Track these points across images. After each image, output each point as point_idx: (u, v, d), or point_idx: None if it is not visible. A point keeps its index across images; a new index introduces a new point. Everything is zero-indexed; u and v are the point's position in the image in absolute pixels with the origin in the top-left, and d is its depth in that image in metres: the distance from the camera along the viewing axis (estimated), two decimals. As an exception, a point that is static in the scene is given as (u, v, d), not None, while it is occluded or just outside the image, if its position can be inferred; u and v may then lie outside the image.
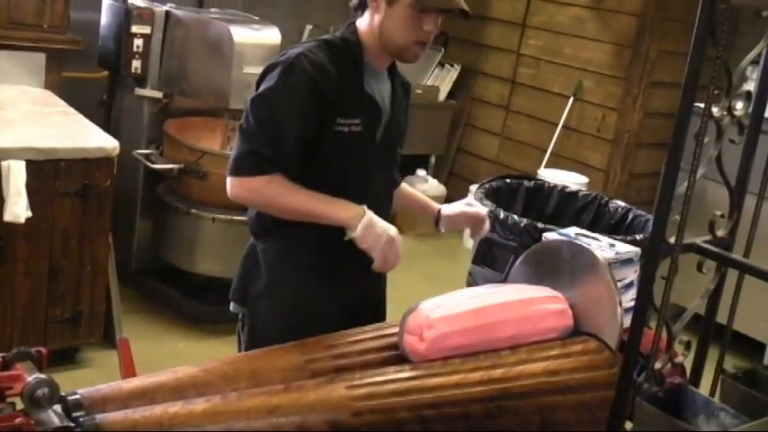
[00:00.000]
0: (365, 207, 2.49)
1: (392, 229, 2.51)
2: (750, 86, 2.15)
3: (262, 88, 2.45)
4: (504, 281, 2.97)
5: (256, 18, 4.67)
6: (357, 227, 2.46)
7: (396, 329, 2.45)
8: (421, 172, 6.63)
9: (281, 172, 2.43)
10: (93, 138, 3.79)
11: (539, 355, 2.49)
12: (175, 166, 4.29)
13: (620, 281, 2.64)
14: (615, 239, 2.93)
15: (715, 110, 1.95)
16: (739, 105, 2.02)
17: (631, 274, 2.75)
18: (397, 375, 2.26)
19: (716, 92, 1.91)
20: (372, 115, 2.57)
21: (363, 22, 2.58)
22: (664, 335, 2.11)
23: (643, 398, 1.99)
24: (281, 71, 2.42)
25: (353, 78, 2.52)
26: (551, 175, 5.58)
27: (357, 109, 2.51)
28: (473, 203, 3.03)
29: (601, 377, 2.53)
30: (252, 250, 2.67)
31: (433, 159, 6.97)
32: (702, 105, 1.91)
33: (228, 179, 2.49)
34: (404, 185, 3.06)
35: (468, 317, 2.45)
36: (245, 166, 2.45)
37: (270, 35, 4.42)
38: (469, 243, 5.46)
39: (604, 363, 2.57)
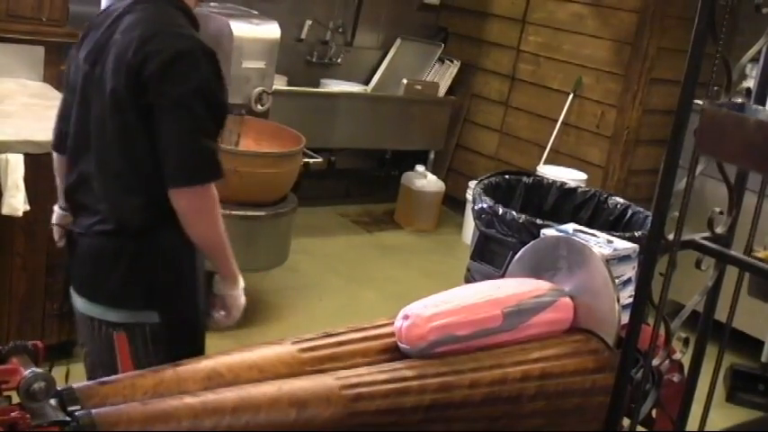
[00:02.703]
0: None
1: None
2: (749, 84, 2.15)
3: (195, 80, 2.23)
4: (503, 277, 2.97)
5: (256, 13, 4.66)
6: (239, 283, 2.49)
7: (392, 327, 2.45)
8: (420, 167, 6.63)
9: None
10: (91, 131, 3.77)
11: (536, 356, 2.49)
12: (174, 160, 4.28)
13: (618, 277, 2.64)
14: (614, 236, 2.92)
15: (715, 106, 1.94)
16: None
17: (629, 271, 2.75)
18: (394, 375, 2.26)
19: (715, 88, 1.90)
20: None
21: None
22: (662, 331, 2.11)
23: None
24: (207, 61, 2.26)
25: None
26: (550, 172, 5.58)
27: None
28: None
29: (597, 378, 2.53)
30: (136, 250, 2.35)
31: (432, 155, 6.97)
32: (702, 102, 1.90)
33: (192, 189, 2.26)
34: None
35: (465, 312, 2.45)
36: (215, 169, 2.29)
37: (269, 30, 4.42)
38: (468, 239, 5.46)
39: (601, 363, 2.57)
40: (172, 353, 2.32)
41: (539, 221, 3.50)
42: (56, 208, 2.72)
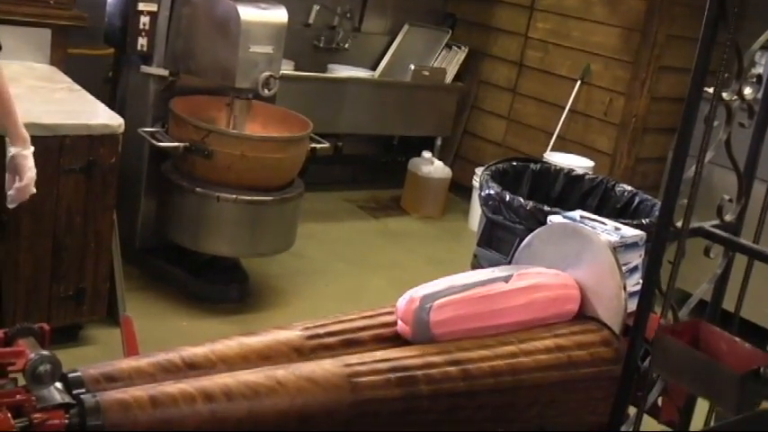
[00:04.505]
0: None
1: None
2: (759, 71, 2.14)
3: None
4: (510, 263, 2.96)
5: (263, -3, 4.65)
6: (29, 146, 2.75)
7: (391, 309, 2.45)
8: (427, 154, 6.61)
9: None
10: (98, 115, 3.77)
11: (554, 378, 2.48)
12: (181, 144, 4.27)
13: (624, 265, 2.63)
14: (621, 223, 2.92)
15: (725, 93, 1.93)
16: (748, 90, 2.01)
17: (636, 259, 2.74)
18: (400, 360, 2.26)
19: (726, 75, 1.89)
20: None
21: None
22: (670, 319, 2.10)
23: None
24: None
25: None
26: (558, 159, 5.56)
27: None
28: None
29: (601, 366, 2.53)
30: None
31: (439, 141, 6.96)
32: (711, 90, 1.89)
33: None
34: None
35: (469, 300, 2.45)
36: None
37: (277, 14, 4.40)
38: (475, 225, 5.45)
39: (605, 347, 2.56)
40: None
41: (546, 208, 3.49)
42: None
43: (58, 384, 1.85)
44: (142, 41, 4.47)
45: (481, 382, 2.34)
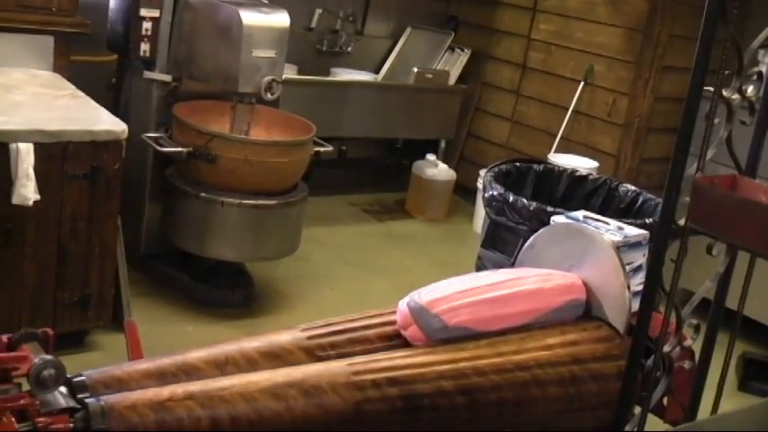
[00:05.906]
0: None
1: None
2: (762, 69, 2.13)
3: None
4: (513, 264, 2.96)
5: (265, 1, 4.65)
6: None
7: (395, 314, 2.45)
8: (431, 156, 6.61)
9: None
10: (101, 121, 3.77)
11: (553, 373, 2.47)
12: (184, 149, 4.28)
13: (628, 264, 2.63)
14: (624, 223, 2.91)
15: (725, 91, 1.93)
16: (750, 88, 2.01)
17: (640, 258, 2.74)
18: (409, 373, 2.25)
19: (726, 72, 1.89)
20: None
21: None
22: (673, 318, 2.10)
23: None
24: None
25: None
26: (562, 160, 5.56)
27: None
28: None
29: (605, 397, 2.52)
30: None
31: (443, 144, 6.95)
32: (713, 89, 1.89)
33: None
34: None
35: (461, 279, 2.46)
36: None
37: (279, 19, 4.41)
38: (480, 228, 5.45)
39: (618, 382, 2.55)
40: None
41: (549, 209, 3.49)
42: None
43: (63, 389, 1.85)
44: (145, 47, 4.48)
45: (485, 411, 2.34)
